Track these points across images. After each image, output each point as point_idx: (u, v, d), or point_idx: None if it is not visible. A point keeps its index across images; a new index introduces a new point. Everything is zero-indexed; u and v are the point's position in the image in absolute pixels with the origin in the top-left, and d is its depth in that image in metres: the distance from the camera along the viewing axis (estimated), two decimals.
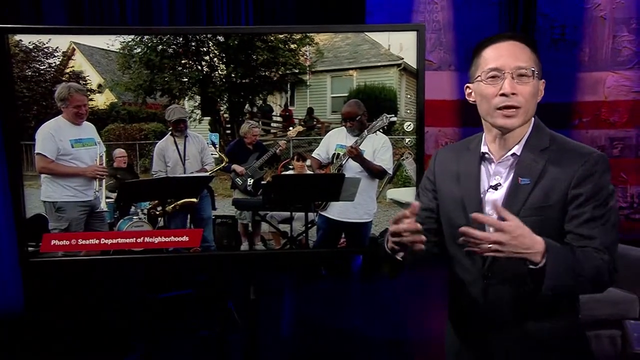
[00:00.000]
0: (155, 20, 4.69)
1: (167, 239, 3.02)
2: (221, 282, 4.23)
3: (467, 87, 1.88)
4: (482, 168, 1.86)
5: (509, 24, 5.04)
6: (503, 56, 1.75)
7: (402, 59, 2.97)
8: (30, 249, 2.95)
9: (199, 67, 2.99)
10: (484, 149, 1.86)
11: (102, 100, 2.99)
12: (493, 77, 1.75)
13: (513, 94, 1.72)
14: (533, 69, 1.74)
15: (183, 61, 2.99)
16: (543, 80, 1.81)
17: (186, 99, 3.05)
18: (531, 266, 1.58)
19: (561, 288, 1.62)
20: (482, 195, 1.83)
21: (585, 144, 1.83)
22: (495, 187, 1.81)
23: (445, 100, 5.10)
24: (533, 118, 1.83)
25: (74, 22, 4.41)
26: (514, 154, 1.80)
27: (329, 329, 4.37)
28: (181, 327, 4.30)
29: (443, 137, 5.20)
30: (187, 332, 4.21)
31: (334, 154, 3.08)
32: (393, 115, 3.00)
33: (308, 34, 2.99)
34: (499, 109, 1.75)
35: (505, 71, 1.73)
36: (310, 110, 3.12)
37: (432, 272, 2.51)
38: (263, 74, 3.03)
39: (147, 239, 3.01)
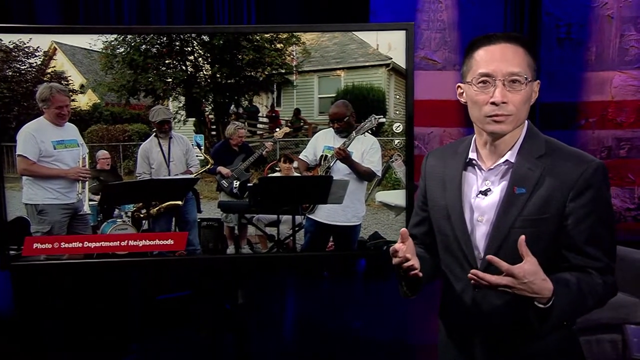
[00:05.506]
0: (153, 20, 4.65)
1: (152, 242, 2.99)
2: (213, 285, 4.20)
3: (459, 86, 1.80)
4: (470, 174, 1.80)
5: (514, 22, 4.96)
6: (495, 61, 1.66)
7: (391, 58, 2.92)
8: (12, 252, 2.92)
9: (184, 67, 2.95)
10: (472, 155, 1.79)
11: (84, 101, 2.96)
12: (484, 82, 1.67)
13: (504, 102, 1.65)
14: (526, 75, 1.66)
15: (167, 61, 2.95)
16: (538, 81, 1.73)
17: (170, 99, 3.01)
18: (538, 304, 1.55)
19: (562, 322, 1.64)
20: (471, 201, 1.77)
21: (583, 150, 1.76)
22: (485, 193, 1.74)
23: (449, 100, 5.02)
24: (526, 122, 1.76)
25: (70, 22, 4.38)
26: (506, 161, 1.72)
27: (330, 330, 4.33)
28: (177, 328, 4.28)
29: (448, 138, 5.13)
30: (183, 334, 4.19)
31: (322, 155, 3.03)
32: (382, 116, 2.94)
33: (295, 34, 2.93)
34: (489, 116, 1.67)
35: (496, 78, 1.65)
36: (297, 111, 3.08)
37: None
38: (249, 74, 2.99)
39: (131, 243, 2.98)
